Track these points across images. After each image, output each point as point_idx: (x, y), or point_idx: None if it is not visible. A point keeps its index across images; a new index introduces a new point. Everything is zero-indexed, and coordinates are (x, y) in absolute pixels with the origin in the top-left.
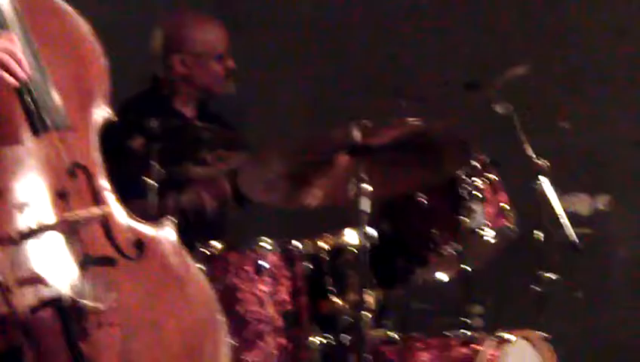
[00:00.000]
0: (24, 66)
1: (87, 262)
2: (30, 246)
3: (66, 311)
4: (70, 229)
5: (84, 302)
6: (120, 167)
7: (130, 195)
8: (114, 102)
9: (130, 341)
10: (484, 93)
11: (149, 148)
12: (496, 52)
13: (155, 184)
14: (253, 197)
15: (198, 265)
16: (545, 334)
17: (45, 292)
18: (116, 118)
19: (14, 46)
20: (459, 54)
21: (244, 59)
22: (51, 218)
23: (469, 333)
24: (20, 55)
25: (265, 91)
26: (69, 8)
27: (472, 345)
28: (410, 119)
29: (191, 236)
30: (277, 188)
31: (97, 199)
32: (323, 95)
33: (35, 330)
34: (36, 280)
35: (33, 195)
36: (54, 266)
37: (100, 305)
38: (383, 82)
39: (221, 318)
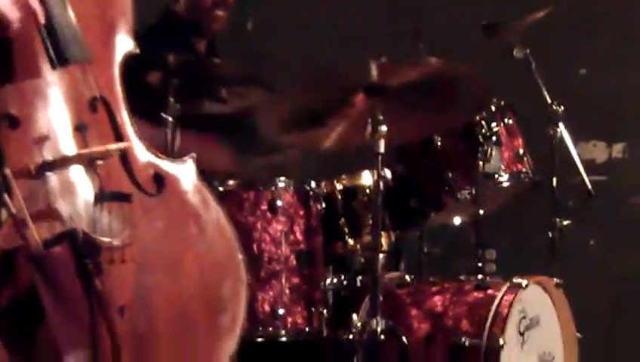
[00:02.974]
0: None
1: (102, 197)
2: (47, 179)
3: (80, 246)
4: (88, 163)
5: (99, 237)
6: (136, 101)
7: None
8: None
9: (145, 277)
10: (502, 36)
11: (166, 84)
12: None
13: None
14: (269, 136)
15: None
16: (558, 280)
17: (59, 227)
18: (138, 52)
19: None
20: None
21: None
22: (69, 152)
23: (482, 278)
24: None
25: (282, 30)
26: None
27: (486, 290)
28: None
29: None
30: (293, 128)
31: (118, 133)
32: (340, 34)
33: (48, 265)
34: (51, 214)
35: (52, 128)
36: (70, 200)
37: (115, 241)
38: (401, 22)
39: (240, 257)
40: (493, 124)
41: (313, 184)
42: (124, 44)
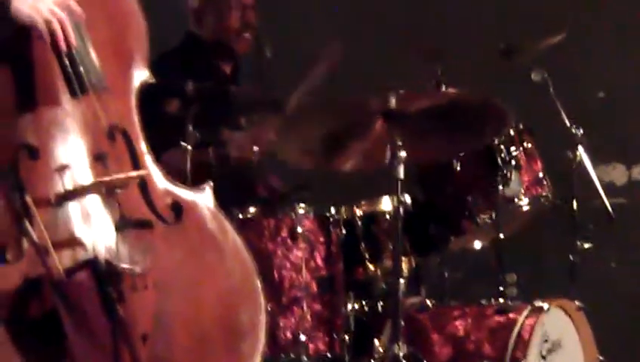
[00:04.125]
0: (69, 35)
1: (124, 224)
2: (68, 208)
3: (102, 273)
4: (108, 192)
5: (120, 264)
6: (155, 130)
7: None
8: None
9: (165, 304)
10: (519, 59)
11: (185, 112)
12: (532, 18)
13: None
14: (288, 161)
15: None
16: (579, 303)
17: (81, 255)
18: (154, 80)
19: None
20: (495, 20)
21: (280, 22)
22: (89, 180)
23: (504, 302)
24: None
25: (301, 55)
26: None
27: (508, 314)
28: (447, 87)
29: (227, 200)
30: (312, 153)
31: (136, 162)
32: (359, 60)
33: (70, 292)
34: (73, 242)
35: (72, 158)
36: (91, 229)
37: (136, 268)
38: (419, 47)
39: (259, 284)
40: (512, 148)
41: (333, 210)
42: (140, 73)
